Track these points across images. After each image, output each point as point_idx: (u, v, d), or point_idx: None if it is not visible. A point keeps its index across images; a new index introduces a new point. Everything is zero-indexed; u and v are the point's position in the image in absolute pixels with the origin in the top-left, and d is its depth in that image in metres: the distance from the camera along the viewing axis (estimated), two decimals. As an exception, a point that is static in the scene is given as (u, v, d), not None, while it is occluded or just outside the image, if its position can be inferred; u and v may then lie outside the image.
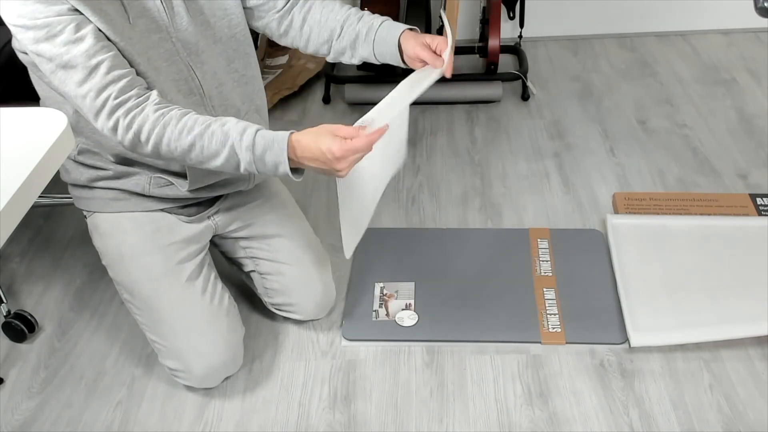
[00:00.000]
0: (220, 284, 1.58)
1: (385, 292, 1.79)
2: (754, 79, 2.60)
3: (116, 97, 1.26)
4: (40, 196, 0.94)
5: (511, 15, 2.77)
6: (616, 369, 1.58)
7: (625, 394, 1.53)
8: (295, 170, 1.29)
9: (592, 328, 1.66)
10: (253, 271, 1.68)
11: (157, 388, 1.61)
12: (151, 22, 1.34)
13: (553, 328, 1.66)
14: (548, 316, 1.70)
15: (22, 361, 1.69)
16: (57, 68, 1.26)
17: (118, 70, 1.27)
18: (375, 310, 1.74)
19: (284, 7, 1.50)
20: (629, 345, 1.61)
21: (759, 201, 2.00)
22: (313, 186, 2.18)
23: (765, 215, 1.95)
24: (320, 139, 1.24)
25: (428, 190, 2.15)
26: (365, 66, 2.60)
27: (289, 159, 1.26)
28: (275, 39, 1.55)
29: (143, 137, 1.28)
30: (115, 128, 1.28)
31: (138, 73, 1.32)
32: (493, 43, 2.44)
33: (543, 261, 1.85)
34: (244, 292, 1.80)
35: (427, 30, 2.51)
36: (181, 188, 1.49)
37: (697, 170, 2.16)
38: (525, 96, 2.55)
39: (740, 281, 1.74)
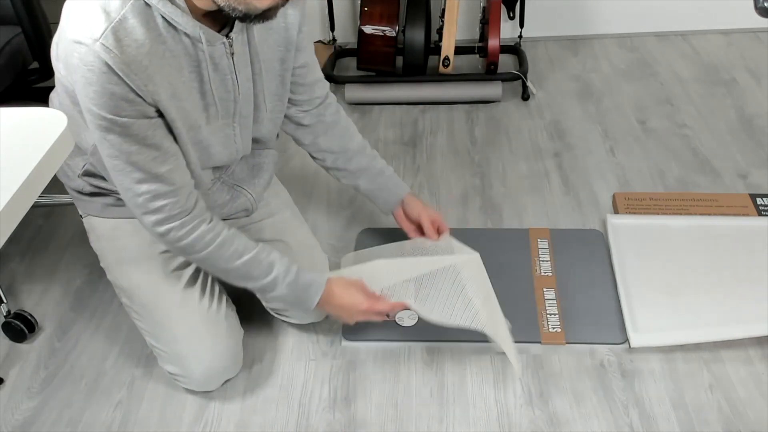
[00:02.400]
0: (218, 288, 1.58)
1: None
2: (754, 79, 2.60)
3: (172, 209, 1.30)
4: (40, 196, 0.94)
5: (511, 15, 2.76)
6: (616, 369, 1.58)
7: (625, 395, 1.53)
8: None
9: (592, 328, 1.66)
10: None
11: (156, 388, 1.61)
12: (225, 116, 1.37)
13: (553, 328, 1.66)
14: (548, 316, 1.69)
15: (22, 361, 1.69)
16: (117, 158, 1.24)
17: (180, 182, 1.30)
18: (375, 310, 1.74)
19: (311, 110, 1.61)
20: (629, 345, 1.61)
21: (759, 201, 2.00)
22: (313, 186, 2.18)
23: (765, 215, 1.95)
24: (352, 292, 1.47)
25: (428, 190, 2.15)
26: (365, 66, 2.60)
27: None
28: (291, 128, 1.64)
29: (194, 249, 1.36)
30: (164, 234, 1.32)
31: (190, 163, 1.35)
32: (493, 43, 2.44)
33: (543, 261, 1.85)
34: (244, 293, 1.79)
35: (427, 30, 2.51)
36: None
37: (697, 170, 2.16)
38: (525, 96, 2.55)
39: (740, 281, 1.73)
